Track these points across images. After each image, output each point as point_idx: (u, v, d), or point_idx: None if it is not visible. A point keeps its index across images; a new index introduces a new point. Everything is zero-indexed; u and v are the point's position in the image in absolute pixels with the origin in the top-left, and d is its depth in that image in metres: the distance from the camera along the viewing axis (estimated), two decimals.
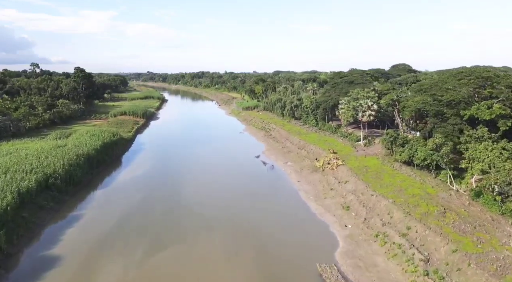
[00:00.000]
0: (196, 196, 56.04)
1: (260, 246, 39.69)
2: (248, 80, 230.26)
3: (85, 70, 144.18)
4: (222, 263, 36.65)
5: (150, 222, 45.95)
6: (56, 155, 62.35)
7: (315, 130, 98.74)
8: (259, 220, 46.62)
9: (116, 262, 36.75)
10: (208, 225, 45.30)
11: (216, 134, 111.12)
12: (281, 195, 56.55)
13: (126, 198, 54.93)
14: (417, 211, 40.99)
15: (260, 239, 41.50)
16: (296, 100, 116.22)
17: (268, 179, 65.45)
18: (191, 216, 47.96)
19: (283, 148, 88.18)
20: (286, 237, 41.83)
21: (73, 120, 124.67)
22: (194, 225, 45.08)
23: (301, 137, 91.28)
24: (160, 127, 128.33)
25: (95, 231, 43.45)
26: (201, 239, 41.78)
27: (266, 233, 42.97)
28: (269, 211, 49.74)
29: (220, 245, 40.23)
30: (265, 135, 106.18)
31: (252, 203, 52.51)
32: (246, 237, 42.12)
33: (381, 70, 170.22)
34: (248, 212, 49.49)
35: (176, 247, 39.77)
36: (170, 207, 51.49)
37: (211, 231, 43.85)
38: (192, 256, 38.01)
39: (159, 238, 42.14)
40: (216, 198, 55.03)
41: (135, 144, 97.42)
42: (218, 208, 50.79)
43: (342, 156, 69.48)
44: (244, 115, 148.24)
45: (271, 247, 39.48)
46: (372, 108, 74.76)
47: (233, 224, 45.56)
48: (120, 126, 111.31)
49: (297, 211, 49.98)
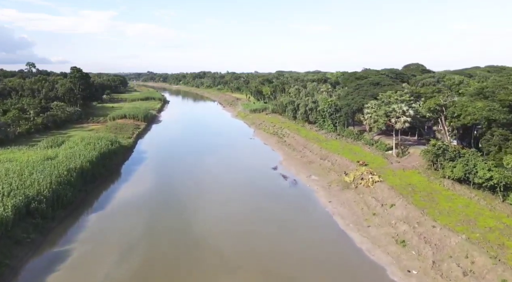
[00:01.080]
0: (209, 222, 46.37)
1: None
2: (253, 81, 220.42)
3: (82, 70, 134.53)
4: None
5: (155, 264, 36.33)
6: (43, 170, 52.72)
7: (335, 137, 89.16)
8: (291, 259, 37.00)
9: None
10: (228, 266, 35.70)
11: (224, 140, 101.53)
12: (312, 221, 46.85)
13: (125, 225, 45.28)
14: (507, 253, 31.43)
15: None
16: (311, 103, 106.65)
17: (293, 197, 55.78)
18: (206, 252, 38.28)
19: (302, 157, 78.53)
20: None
21: (69, 124, 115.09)
22: (211, 267, 35.46)
23: (321, 145, 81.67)
24: (163, 132, 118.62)
25: (84, 278, 33.86)
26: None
27: (303, 278, 33.39)
28: (302, 244, 40.11)
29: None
30: (278, 141, 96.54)
31: (279, 233, 42.86)
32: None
33: (395, 70, 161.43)
34: (275, 246, 39.84)
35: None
36: (179, 239, 41.82)
37: (233, 275, 34.31)
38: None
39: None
40: (233, 225, 45.39)
41: (136, 151, 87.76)
42: (237, 240, 41.16)
43: (375, 169, 59.95)
44: (252, 118, 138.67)
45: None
46: (407, 113, 65.17)
47: (259, 265, 35.93)
48: (119, 131, 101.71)
49: (337, 244, 40.36)
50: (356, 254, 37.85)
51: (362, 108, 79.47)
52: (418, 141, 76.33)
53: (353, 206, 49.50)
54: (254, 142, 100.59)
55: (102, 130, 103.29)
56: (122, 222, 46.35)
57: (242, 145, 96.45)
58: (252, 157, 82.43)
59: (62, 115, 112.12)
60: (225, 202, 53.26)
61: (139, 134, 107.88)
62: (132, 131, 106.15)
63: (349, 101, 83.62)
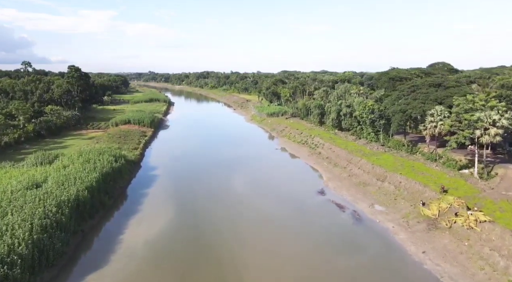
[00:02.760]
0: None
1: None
2: (264, 81, 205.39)
3: (80, 69, 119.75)
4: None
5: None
6: (23, 205, 38.18)
7: (381, 149, 74.55)
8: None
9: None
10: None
11: (244, 151, 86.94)
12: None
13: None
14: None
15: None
16: (345, 107, 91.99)
17: (363, 242, 40.92)
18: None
19: (350, 176, 63.85)
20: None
21: (66, 131, 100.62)
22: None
23: (369, 159, 67.00)
24: (172, 140, 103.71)
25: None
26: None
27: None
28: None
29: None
30: (312, 153, 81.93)
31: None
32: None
33: (424, 70, 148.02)
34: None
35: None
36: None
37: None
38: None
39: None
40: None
41: (144, 166, 73.06)
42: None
43: (463, 198, 45.43)
44: (271, 123, 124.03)
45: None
46: (499, 124, 50.42)
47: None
48: (123, 141, 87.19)
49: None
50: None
51: (423, 116, 64.86)
52: (494, 155, 61.73)
53: (464, 262, 34.73)
54: (283, 154, 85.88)
55: (103, 139, 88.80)
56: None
57: (268, 158, 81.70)
58: (287, 176, 67.63)
59: (58, 121, 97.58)
60: (270, 252, 38.43)
61: (146, 143, 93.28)
62: (138, 140, 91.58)
63: (403, 106, 68.82)
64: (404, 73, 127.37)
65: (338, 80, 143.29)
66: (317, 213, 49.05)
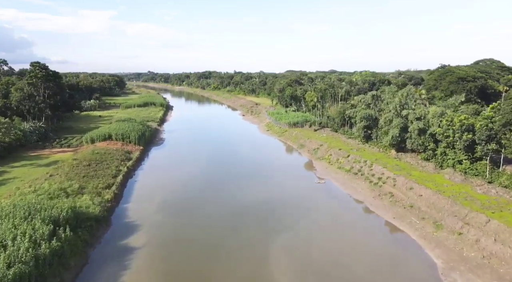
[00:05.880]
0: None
1: None
2: (276, 82, 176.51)
3: (48, 67, 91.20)
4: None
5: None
6: None
7: (494, 190, 46.44)
8: None
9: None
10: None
11: (273, 186, 58.63)
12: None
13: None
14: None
15: None
16: (416, 123, 63.60)
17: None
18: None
19: (484, 257, 35.32)
20: None
21: (22, 151, 72.83)
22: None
23: (494, 216, 38.78)
24: (168, 164, 74.66)
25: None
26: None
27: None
28: None
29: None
30: (377, 194, 53.55)
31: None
32: None
33: (478, 69, 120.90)
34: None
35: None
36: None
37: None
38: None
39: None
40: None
41: (116, 223, 44.65)
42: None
43: None
44: (296, 136, 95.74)
45: None
46: None
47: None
48: (93, 170, 59.07)
49: None
50: None
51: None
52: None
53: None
54: (330, 190, 57.47)
55: (66, 166, 60.68)
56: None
57: (311, 202, 52.75)
58: (356, 245, 39.22)
59: (6, 139, 69.33)
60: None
61: (128, 172, 64.92)
62: (117, 168, 63.24)
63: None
64: (465, 72, 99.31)
65: (376, 81, 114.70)
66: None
